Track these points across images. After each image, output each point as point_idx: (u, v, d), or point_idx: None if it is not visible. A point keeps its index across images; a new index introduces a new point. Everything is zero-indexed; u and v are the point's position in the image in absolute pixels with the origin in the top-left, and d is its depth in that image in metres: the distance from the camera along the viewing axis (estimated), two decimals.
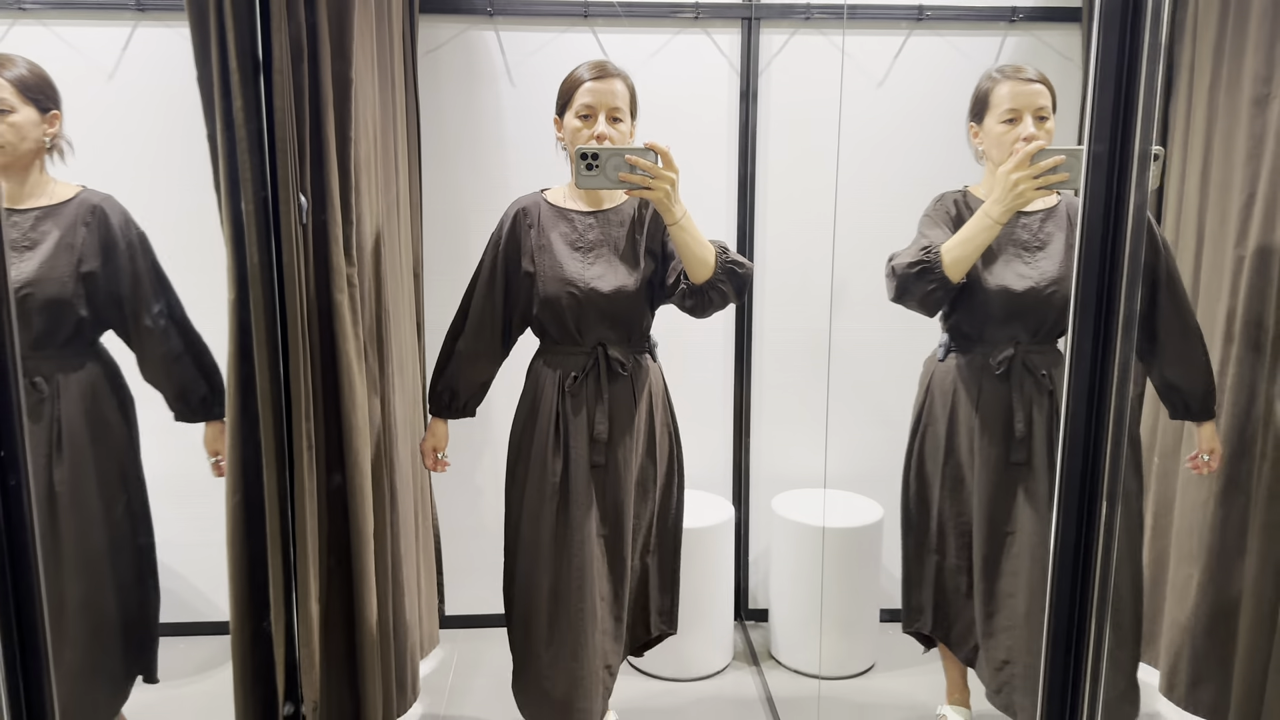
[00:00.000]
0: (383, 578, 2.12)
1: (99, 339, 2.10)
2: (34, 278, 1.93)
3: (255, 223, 1.71)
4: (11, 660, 0.97)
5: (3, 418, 0.91)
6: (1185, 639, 2.33)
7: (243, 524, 1.84)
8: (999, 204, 1.88)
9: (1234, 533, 2.21)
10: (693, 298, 2.05)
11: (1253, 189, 2.17)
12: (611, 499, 2.12)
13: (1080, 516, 1.05)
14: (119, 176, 2.20)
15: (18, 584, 0.96)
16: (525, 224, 2.11)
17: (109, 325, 2.10)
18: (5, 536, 0.93)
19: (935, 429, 2.20)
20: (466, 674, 2.85)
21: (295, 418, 1.80)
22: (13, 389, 0.91)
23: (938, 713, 2.47)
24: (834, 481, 3.07)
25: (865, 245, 2.19)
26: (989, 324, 2.09)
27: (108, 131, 2.71)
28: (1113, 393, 1.03)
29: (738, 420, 3.09)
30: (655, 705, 2.67)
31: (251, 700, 1.93)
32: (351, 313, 1.91)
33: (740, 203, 2.98)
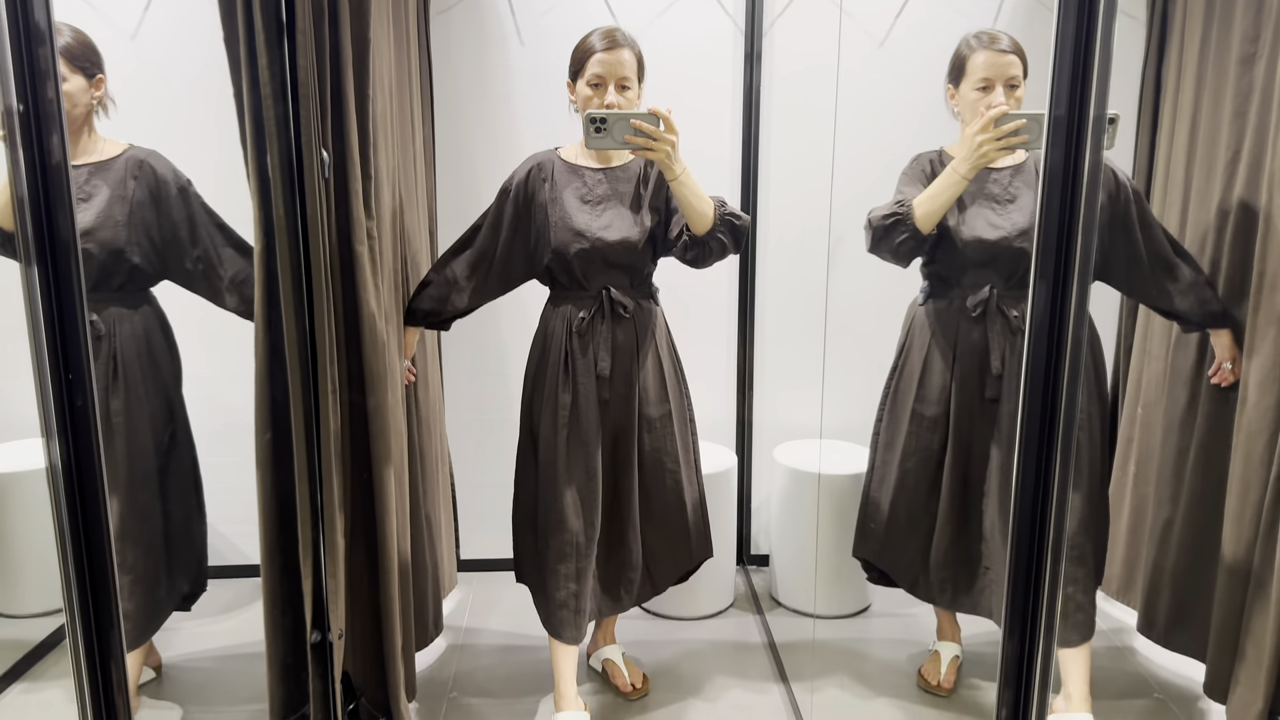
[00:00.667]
0: (402, 516, 2.24)
1: (151, 287, 2.25)
2: (89, 227, 2.06)
3: (280, 176, 1.81)
4: (80, 559, 1.08)
5: (72, 346, 1.01)
6: (1164, 580, 2.43)
7: (271, 462, 1.96)
8: (965, 162, 2.04)
9: (1213, 478, 2.31)
10: (694, 249, 2.19)
11: (1238, 146, 2.24)
12: (618, 429, 2.27)
13: (1041, 439, 1.16)
14: (147, 134, 2.30)
15: (84, 491, 1.07)
16: (540, 178, 2.24)
17: (163, 272, 2.24)
18: (73, 449, 1.05)
19: (911, 367, 2.33)
20: (482, 613, 2.98)
21: (320, 361, 1.91)
22: (80, 322, 1.02)
23: (930, 648, 2.59)
24: (832, 431, 3.18)
25: (862, 202, 2.28)
26: (965, 271, 2.22)
27: (135, 91, 2.80)
28: (1069, 330, 1.13)
29: (741, 372, 3.20)
30: (660, 641, 2.80)
31: (280, 629, 2.05)
32: (371, 264, 2.01)
33: (744, 160, 3.06)
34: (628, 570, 2.33)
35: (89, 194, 2.10)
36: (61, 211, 1.04)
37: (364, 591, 2.14)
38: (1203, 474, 2.32)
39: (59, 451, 1.04)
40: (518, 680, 2.59)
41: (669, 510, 2.35)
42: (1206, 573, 2.33)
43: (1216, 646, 2.28)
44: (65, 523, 1.07)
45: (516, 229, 2.26)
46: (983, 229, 2.17)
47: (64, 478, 1.06)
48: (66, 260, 1.02)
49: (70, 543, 1.05)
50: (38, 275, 1.02)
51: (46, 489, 1.08)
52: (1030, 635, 1.22)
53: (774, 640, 2.82)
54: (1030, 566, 1.21)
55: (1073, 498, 2.18)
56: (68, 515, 1.06)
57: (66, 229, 1.03)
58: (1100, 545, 2.26)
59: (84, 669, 1.11)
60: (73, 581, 1.06)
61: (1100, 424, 2.24)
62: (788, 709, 2.45)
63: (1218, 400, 2.29)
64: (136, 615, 2.18)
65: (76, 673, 1.11)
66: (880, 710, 2.43)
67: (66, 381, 1.03)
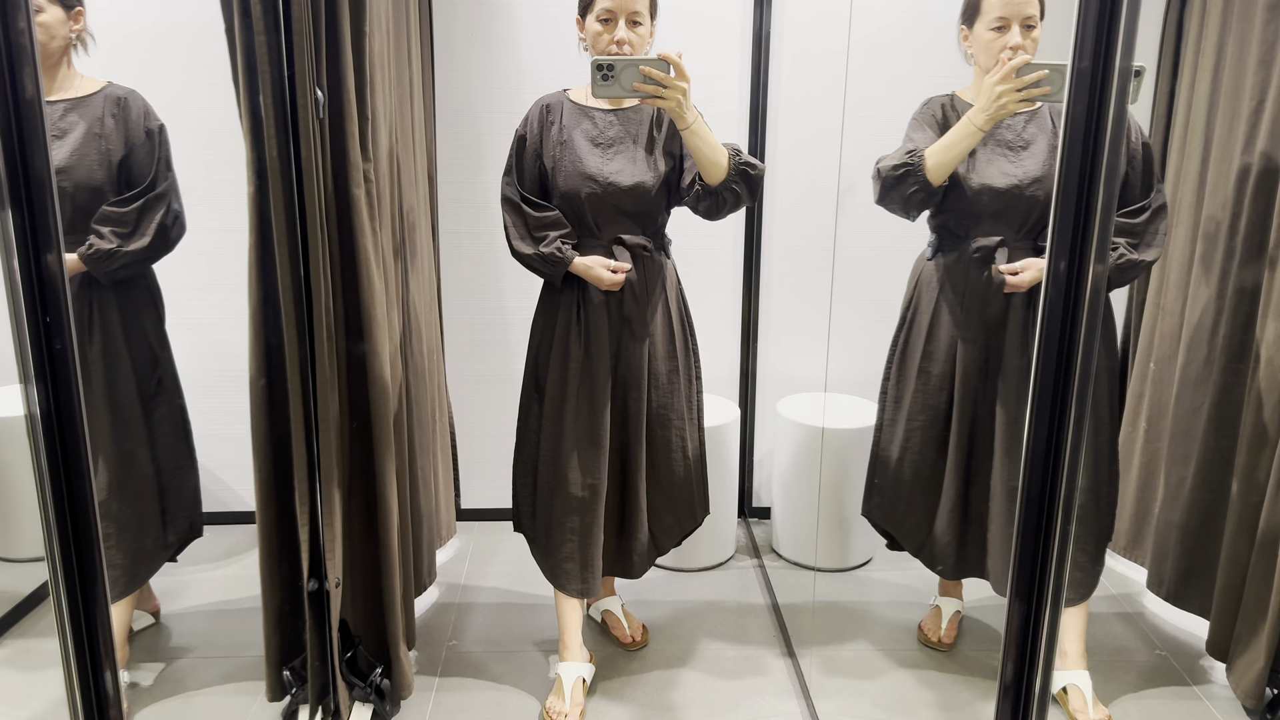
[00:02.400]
0: (400, 465, 2.21)
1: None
2: (63, 165, 2.00)
3: (273, 116, 1.75)
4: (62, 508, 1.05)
5: (49, 288, 0.97)
6: (1174, 538, 2.41)
7: (266, 408, 1.93)
8: (983, 113, 1.95)
9: (1226, 438, 2.27)
10: (707, 199, 2.12)
11: (1262, 96, 2.17)
12: (627, 384, 2.22)
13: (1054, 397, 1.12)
14: (137, 71, 2.24)
15: (65, 437, 1.04)
16: (548, 120, 2.16)
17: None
18: (52, 394, 1.01)
19: (919, 322, 2.28)
20: (481, 562, 2.97)
21: (315, 308, 1.87)
22: (58, 261, 0.97)
23: (931, 602, 2.58)
24: (837, 385, 3.14)
25: (872, 148, 2.21)
26: (974, 221, 2.15)
27: (126, 27, 2.73)
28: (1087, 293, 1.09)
29: (745, 325, 3.15)
30: (660, 593, 2.80)
31: (276, 576, 2.04)
32: (368, 208, 1.96)
33: (753, 103, 2.99)
34: (639, 532, 2.30)
35: (64, 130, 2.04)
36: (36, 148, 0.99)
37: (362, 540, 2.12)
38: (1215, 432, 2.29)
39: (38, 397, 1.01)
40: (517, 629, 2.59)
41: (674, 469, 2.32)
42: (1216, 531, 2.31)
43: (1220, 605, 2.27)
44: (45, 470, 1.04)
45: (540, 171, 2.19)
46: (994, 176, 2.10)
47: (43, 424, 1.02)
48: (42, 198, 0.98)
49: (51, 490, 1.02)
50: (11, 214, 0.97)
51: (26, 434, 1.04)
52: (1037, 597, 1.20)
53: (774, 593, 2.81)
54: (1039, 527, 1.18)
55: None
56: (47, 462, 1.03)
57: (41, 166, 0.99)
58: (1108, 505, 2.22)
59: (67, 619, 1.08)
60: (54, 530, 1.03)
61: (1109, 381, 2.19)
62: (786, 662, 2.44)
63: (1233, 358, 2.25)
64: (125, 564, 2.16)
65: (60, 623, 1.09)
66: (879, 664, 2.42)
67: (45, 324, 0.99)
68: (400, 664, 2.17)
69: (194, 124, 2.21)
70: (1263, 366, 2.13)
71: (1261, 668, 2.12)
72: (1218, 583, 2.28)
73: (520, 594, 2.79)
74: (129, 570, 2.18)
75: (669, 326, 2.26)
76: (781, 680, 2.37)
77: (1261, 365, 2.13)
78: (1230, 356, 2.25)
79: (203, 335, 2.92)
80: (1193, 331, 2.37)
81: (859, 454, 2.85)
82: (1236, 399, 2.24)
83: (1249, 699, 2.15)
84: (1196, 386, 2.35)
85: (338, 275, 1.95)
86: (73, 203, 2.03)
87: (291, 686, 2.11)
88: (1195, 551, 2.37)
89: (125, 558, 2.16)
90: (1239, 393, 2.24)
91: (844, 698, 2.29)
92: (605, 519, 2.26)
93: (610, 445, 2.22)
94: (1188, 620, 2.52)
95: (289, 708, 2.14)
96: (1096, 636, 2.51)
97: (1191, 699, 2.27)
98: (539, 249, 2.14)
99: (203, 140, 2.43)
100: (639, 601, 2.72)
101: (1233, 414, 2.26)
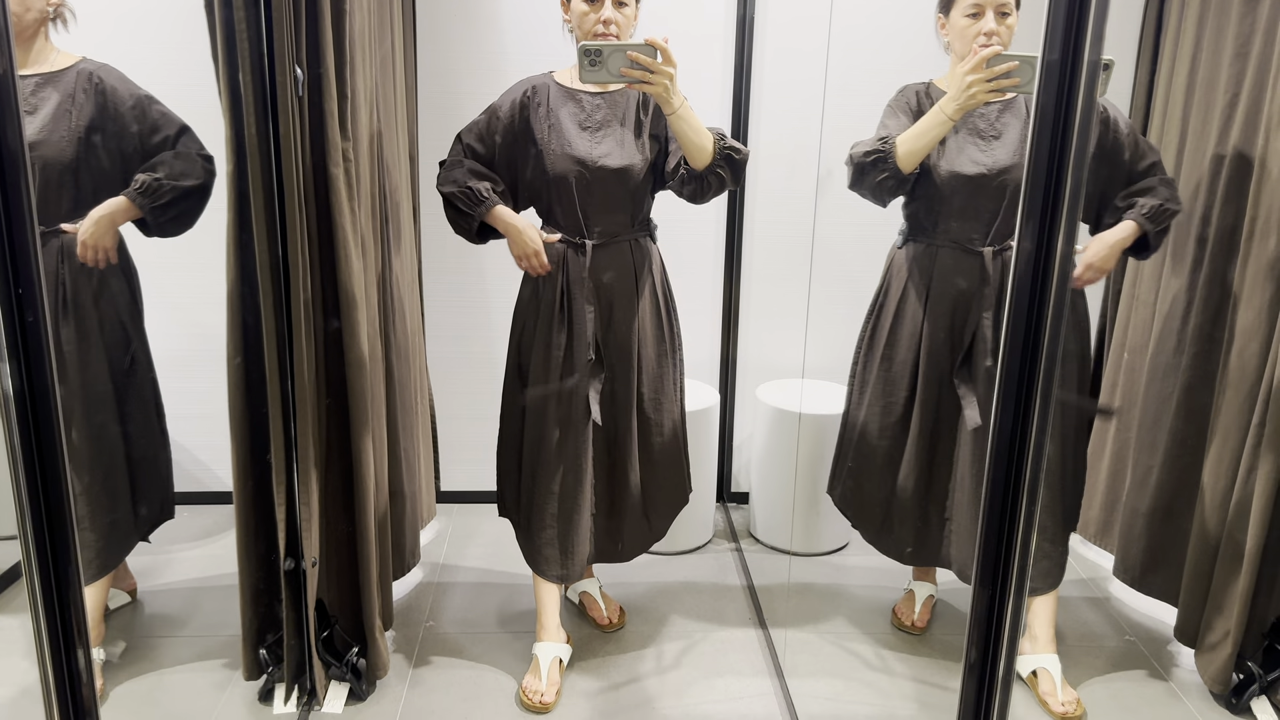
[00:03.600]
0: (379, 445, 2.21)
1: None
2: (33, 140, 1.98)
3: (253, 93, 1.75)
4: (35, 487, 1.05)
5: (21, 259, 0.97)
6: (1140, 526, 2.45)
7: (243, 386, 1.93)
8: (953, 102, 1.96)
9: (1195, 428, 2.30)
10: (692, 183, 2.12)
11: (1237, 89, 2.19)
12: (615, 370, 2.23)
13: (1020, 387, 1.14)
14: (114, 48, 2.22)
15: (37, 414, 1.04)
16: (534, 102, 2.15)
17: (114, 188, 2.13)
18: (25, 369, 1.01)
19: (887, 309, 2.30)
20: (460, 544, 2.98)
21: (294, 287, 1.87)
22: (30, 234, 0.97)
23: (905, 587, 2.61)
24: (816, 372, 3.16)
25: (851, 134, 2.22)
26: (943, 209, 2.16)
27: (104, 1, 2.70)
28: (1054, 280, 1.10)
29: (726, 310, 3.16)
30: (638, 575, 2.81)
31: (253, 555, 2.05)
32: (347, 187, 1.95)
33: (735, 88, 2.99)
34: (629, 515, 2.32)
35: (35, 106, 2.01)
36: (9, 120, 0.99)
37: (339, 520, 2.12)
38: (1184, 420, 2.32)
39: (10, 372, 1.01)
40: (495, 610, 2.60)
41: (665, 450, 2.33)
42: (1183, 518, 2.34)
43: (1189, 591, 2.30)
44: (18, 447, 1.04)
45: (507, 155, 2.18)
46: (964, 164, 2.11)
47: (15, 401, 1.02)
48: (15, 170, 0.97)
49: (24, 468, 1.02)
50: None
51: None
52: (1001, 584, 1.22)
53: (751, 577, 2.83)
54: (1004, 513, 1.20)
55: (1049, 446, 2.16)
56: (20, 439, 1.03)
57: (14, 139, 0.98)
58: (1075, 495, 2.25)
59: (40, 598, 1.08)
60: (27, 511, 1.03)
61: (1080, 368, 2.22)
62: (762, 644, 2.47)
63: (1203, 348, 2.28)
64: (97, 543, 2.15)
65: (32, 602, 1.09)
66: (854, 647, 2.45)
67: (17, 296, 0.98)
68: (376, 644, 2.18)
69: (173, 102, 2.19)
70: (1234, 356, 2.16)
71: (1229, 655, 2.15)
72: (1185, 570, 2.32)
73: (499, 575, 2.80)
74: (102, 551, 2.17)
75: (656, 310, 2.27)
76: (756, 659, 2.39)
77: (1233, 354, 2.16)
78: (1200, 346, 2.28)
79: (180, 315, 2.91)
80: (1163, 321, 2.40)
81: (835, 439, 2.87)
82: (1206, 388, 2.27)
83: (1216, 684, 2.19)
84: (1166, 376, 2.38)
85: (316, 254, 1.95)
86: (41, 177, 2.01)
87: (268, 665, 2.12)
88: (1161, 539, 2.40)
89: (98, 537, 2.15)
90: (1209, 382, 2.27)
91: (817, 677, 2.31)
92: (595, 504, 2.27)
93: (597, 431, 2.23)
94: (1154, 606, 2.56)
95: (265, 686, 2.15)
96: (1065, 622, 2.55)
97: (1158, 683, 2.31)
98: (464, 185, 2.10)
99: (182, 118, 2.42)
100: (616, 584, 2.73)
101: (1202, 403, 2.29)
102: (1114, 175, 2.15)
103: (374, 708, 2.17)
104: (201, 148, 2.17)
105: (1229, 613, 2.16)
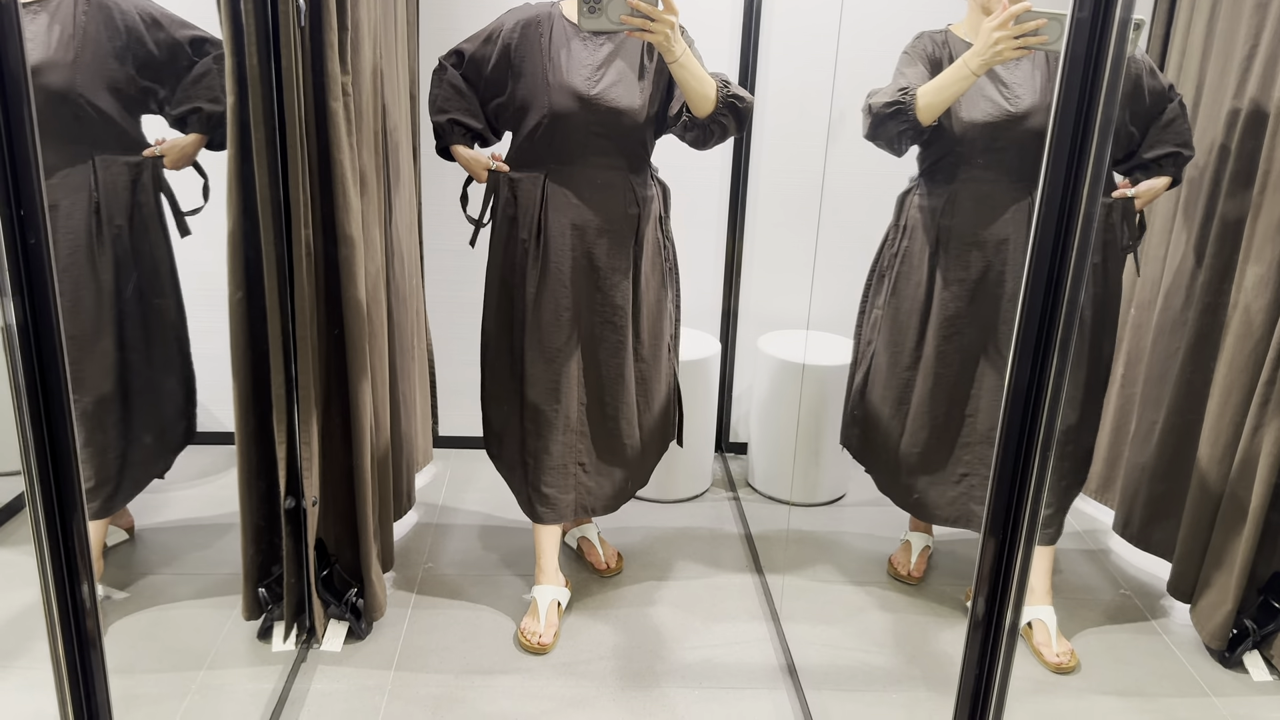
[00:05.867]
0: (379, 387, 2.20)
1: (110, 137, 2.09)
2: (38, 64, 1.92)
3: (254, 23, 1.70)
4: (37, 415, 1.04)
5: (22, 179, 0.94)
6: (1142, 482, 2.45)
7: (244, 322, 1.91)
8: (978, 57, 1.92)
9: (1199, 383, 2.30)
10: (694, 129, 2.09)
11: (1256, 40, 2.15)
12: (614, 315, 2.20)
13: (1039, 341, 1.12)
14: None
15: (40, 344, 1.02)
16: (536, 32, 2.11)
17: (136, 102, 2.09)
18: (27, 293, 0.99)
19: (900, 255, 2.27)
20: (458, 488, 2.99)
21: (295, 223, 1.84)
22: (30, 149, 0.94)
23: (902, 538, 2.62)
24: (820, 323, 3.15)
25: (865, 80, 2.18)
26: (959, 156, 2.13)
27: None
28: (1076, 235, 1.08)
29: (729, 260, 3.14)
30: (636, 522, 2.82)
31: (254, 493, 2.04)
32: (346, 122, 1.91)
33: (744, 37, 2.93)
34: (620, 462, 2.31)
35: (32, 33, 1.96)
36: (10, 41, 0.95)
37: (339, 459, 2.11)
38: (1189, 377, 2.31)
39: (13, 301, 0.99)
40: (493, 554, 2.61)
41: (661, 396, 2.33)
42: (1184, 474, 2.35)
43: (1185, 547, 2.31)
44: (22, 381, 1.02)
45: (499, 74, 2.14)
46: (981, 112, 2.08)
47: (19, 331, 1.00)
48: (16, 90, 0.94)
49: (27, 398, 1.00)
50: None
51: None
52: (1010, 538, 1.21)
53: (748, 525, 2.84)
54: (1016, 468, 1.19)
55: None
56: (24, 371, 1.01)
57: (15, 58, 0.95)
58: (1084, 454, 2.24)
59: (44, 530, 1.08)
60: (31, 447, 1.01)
61: (1104, 331, 2.19)
62: (759, 591, 2.48)
63: (1212, 301, 2.26)
64: (126, 468, 2.17)
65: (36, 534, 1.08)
66: (849, 596, 2.46)
67: (19, 218, 0.96)
68: (373, 585, 2.18)
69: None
70: (1239, 312, 2.14)
71: (1229, 610, 2.16)
72: (1183, 526, 2.32)
73: (497, 519, 2.80)
74: (133, 472, 2.20)
75: (656, 259, 2.24)
76: (752, 604, 2.41)
77: (1238, 311, 2.15)
78: (1207, 300, 2.27)
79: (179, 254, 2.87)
80: (1172, 276, 2.38)
81: (837, 391, 2.87)
82: (1211, 345, 2.26)
83: (1213, 639, 2.20)
84: (1173, 331, 2.37)
85: (316, 191, 1.92)
86: (52, 101, 1.95)
87: (267, 603, 2.13)
88: (1163, 495, 2.41)
89: (140, 453, 2.17)
90: (1214, 338, 2.26)
91: (812, 623, 2.33)
92: (588, 448, 2.27)
93: (590, 378, 2.22)
94: (1150, 561, 2.58)
95: (264, 624, 2.16)
96: (1063, 575, 2.57)
97: (1152, 635, 2.33)
98: (435, 112, 2.18)
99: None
100: (615, 529, 2.74)
101: (1206, 359, 2.28)
102: (1135, 111, 2.13)
103: (373, 646, 2.18)
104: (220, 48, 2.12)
105: (1229, 569, 2.17)
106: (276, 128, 1.78)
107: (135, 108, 2.09)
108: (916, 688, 2.14)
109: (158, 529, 2.60)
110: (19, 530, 2.39)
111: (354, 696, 2.02)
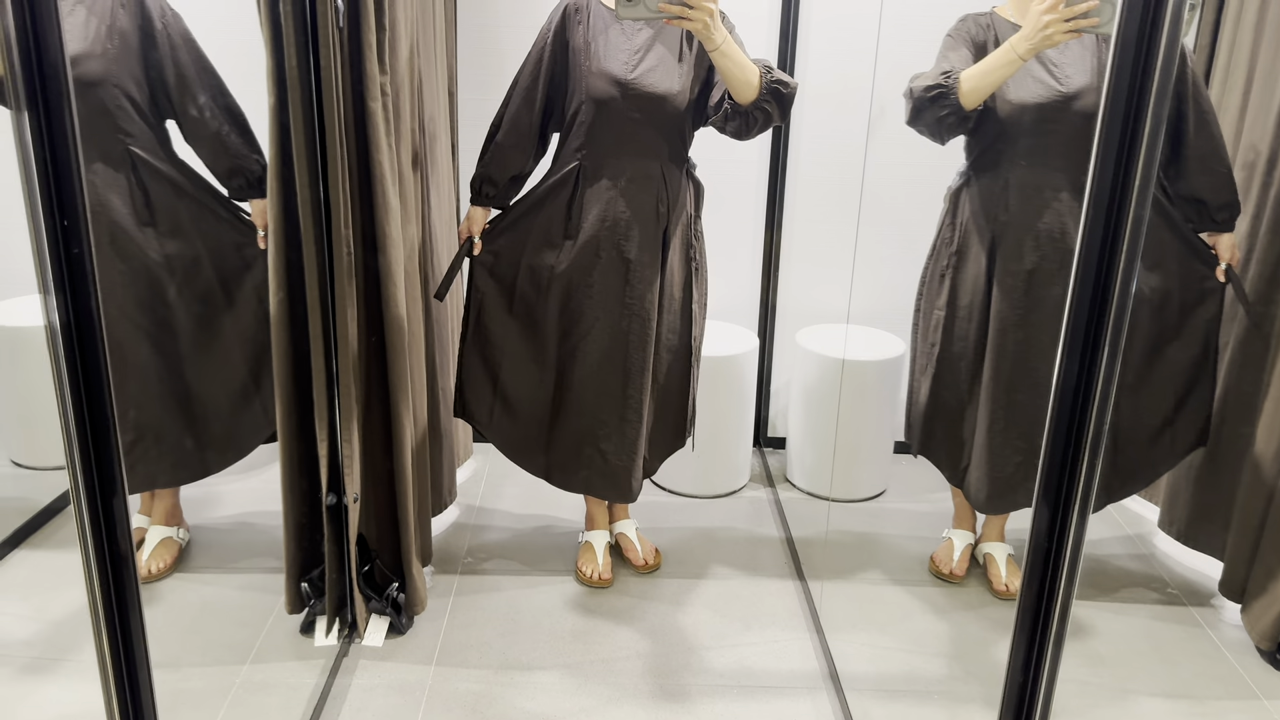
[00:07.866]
0: (419, 383, 2.21)
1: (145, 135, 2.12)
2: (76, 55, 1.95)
3: (293, 24, 1.71)
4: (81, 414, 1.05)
5: (66, 190, 0.96)
6: (1189, 478, 2.40)
7: (287, 323, 1.93)
8: (1026, 40, 1.87)
9: (1250, 376, 2.24)
10: (736, 119, 2.07)
11: None
12: (634, 310, 2.20)
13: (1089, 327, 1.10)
14: None
15: (84, 349, 1.03)
16: (575, 20, 2.10)
17: (161, 109, 2.13)
18: (70, 304, 1.00)
19: (948, 251, 2.23)
20: (496, 484, 3.00)
21: (335, 223, 1.85)
22: (74, 162, 0.95)
23: (944, 535, 2.59)
24: (860, 317, 3.11)
25: (907, 68, 2.14)
26: (1008, 142, 2.08)
27: None
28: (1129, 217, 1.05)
29: (768, 254, 3.11)
30: (674, 518, 2.82)
31: (296, 490, 2.06)
32: (385, 122, 1.92)
33: (783, 26, 2.90)
34: (638, 455, 2.31)
35: (71, 27, 1.98)
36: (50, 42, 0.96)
37: (379, 456, 2.13)
38: (1239, 369, 2.26)
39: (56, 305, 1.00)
40: (531, 550, 2.62)
41: (674, 398, 2.34)
42: (1232, 470, 2.29)
43: (1235, 546, 2.26)
44: (65, 380, 1.03)
45: (553, 76, 2.14)
46: (1030, 93, 2.03)
47: (63, 333, 1.02)
48: (58, 97, 0.95)
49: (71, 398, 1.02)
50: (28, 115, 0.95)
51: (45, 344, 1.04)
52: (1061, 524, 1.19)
53: (787, 522, 2.82)
54: (1065, 459, 1.16)
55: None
56: (67, 371, 1.03)
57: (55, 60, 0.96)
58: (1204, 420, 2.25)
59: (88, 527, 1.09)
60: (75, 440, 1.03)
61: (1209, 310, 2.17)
62: (798, 590, 2.46)
63: (1263, 294, 2.20)
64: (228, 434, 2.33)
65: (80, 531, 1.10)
66: (890, 594, 2.44)
67: (62, 228, 0.97)
68: (414, 580, 2.20)
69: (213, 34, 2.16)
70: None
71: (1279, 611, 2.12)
72: (1233, 524, 2.27)
73: (535, 516, 2.81)
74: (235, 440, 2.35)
75: (684, 255, 2.23)
76: (791, 604, 2.39)
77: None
78: (1260, 292, 2.21)
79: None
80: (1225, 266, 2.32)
81: (878, 386, 2.84)
82: (1264, 334, 2.21)
83: (1264, 640, 2.16)
84: (1224, 323, 2.31)
85: (356, 191, 1.93)
86: (84, 102, 1.99)
87: (310, 598, 2.15)
88: (1210, 492, 2.35)
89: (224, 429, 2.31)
90: (1266, 328, 2.20)
91: (853, 623, 2.31)
92: (610, 441, 2.27)
93: (612, 367, 2.22)
94: (1198, 560, 2.52)
95: (307, 619, 2.18)
96: (1109, 573, 2.52)
97: (1201, 636, 2.28)
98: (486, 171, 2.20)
99: (221, 50, 2.39)
100: (652, 527, 2.74)
101: (1258, 350, 2.22)
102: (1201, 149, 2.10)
103: (413, 642, 2.20)
104: (226, 99, 2.17)
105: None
106: (316, 129, 1.79)
107: (152, 117, 2.13)
108: (960, 688, 2.11)
109: (203, 525, 2.64)
110: (63, 529, 2.44)
111: (394, 693, 2.03)
